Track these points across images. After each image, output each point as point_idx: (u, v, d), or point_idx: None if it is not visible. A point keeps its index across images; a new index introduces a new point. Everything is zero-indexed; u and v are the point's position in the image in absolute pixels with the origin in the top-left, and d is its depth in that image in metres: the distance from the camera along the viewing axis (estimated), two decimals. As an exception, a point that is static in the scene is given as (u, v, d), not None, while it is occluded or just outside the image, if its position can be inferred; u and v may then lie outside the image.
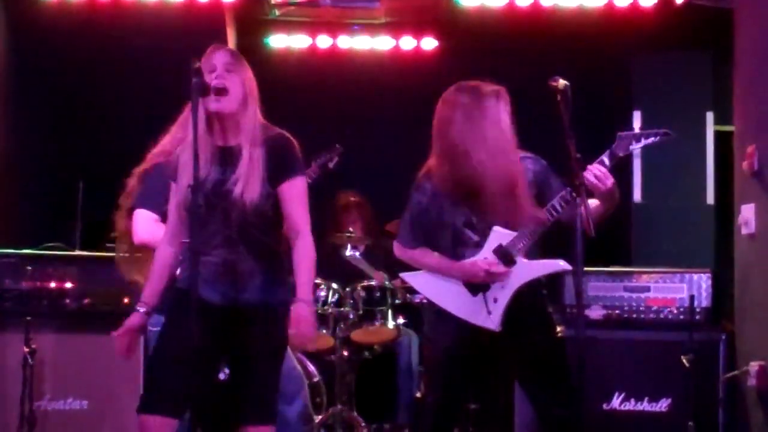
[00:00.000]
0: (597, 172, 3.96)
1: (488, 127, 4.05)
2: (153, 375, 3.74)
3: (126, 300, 5.08)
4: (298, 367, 4.89)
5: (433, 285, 4.28)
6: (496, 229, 4.12)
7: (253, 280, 3.69)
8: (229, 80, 3.62)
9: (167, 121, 4.13)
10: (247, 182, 3.62)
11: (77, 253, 5.35)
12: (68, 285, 5.13)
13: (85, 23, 6.31)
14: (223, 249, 3.66)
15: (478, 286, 4.17)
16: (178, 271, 3.81)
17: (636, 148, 4.11)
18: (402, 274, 4.44)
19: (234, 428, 3.75)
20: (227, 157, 3.67)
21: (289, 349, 4.82)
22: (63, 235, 5.68)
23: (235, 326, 3.68)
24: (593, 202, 4.02)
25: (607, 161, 4.06)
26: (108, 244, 5.27)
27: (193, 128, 3.48)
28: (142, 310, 3.72)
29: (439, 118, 4.15)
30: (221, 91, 3.58)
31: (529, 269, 4.15)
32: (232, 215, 3.65)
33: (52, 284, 5.10)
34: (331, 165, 5.41)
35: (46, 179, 6.70)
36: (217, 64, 3.64)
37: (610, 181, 4.00)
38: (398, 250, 4.38)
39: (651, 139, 4.10)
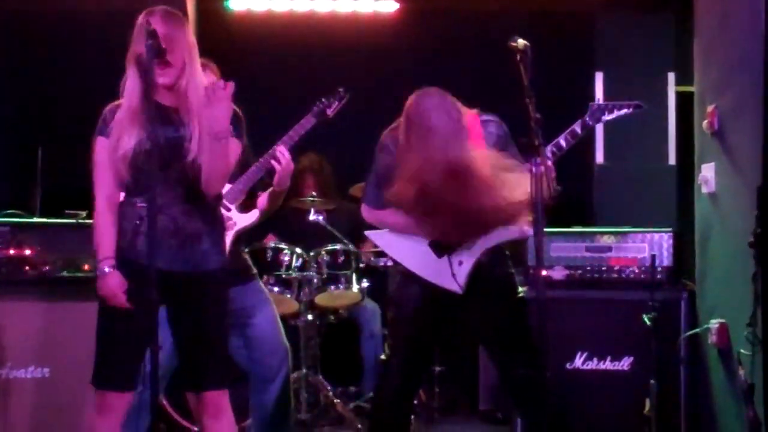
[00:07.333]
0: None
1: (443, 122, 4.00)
2: (107, 349, 3.66)
3: (86, 267, 5.03)
4: (286, 343, 4.83)
5: (398, 245, 4.27)
6: None
7: (201, 245, 3.67)
8: (169, 52, 3.54)
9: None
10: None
11: (36, 219, 5.28)
12: (27, 252, 5.06)
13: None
14: (174, 208, 3.63)
15: (443, 247, 4.17)
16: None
17: (607, 119, 4.14)
18: (367, 233, 4.41)
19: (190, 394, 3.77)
20: (171, 116, 3.65)
21: (280, 326, 4.79)
22: (22, 202, 5.60)
23: (182, 292, 3.65)
24: None
25: (578, 130, 4.08)
26: (67, 211, 5.23)
27: (148, 87, 3.46)
28: (108, 269, 3.59)
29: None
30: (164, 65, 3.55)
31: (493, 234, 4.15)
32: (189, 175, 3.63)
33: (11, 252, 5.04)
34: (329, 112, 4.87)
35: (4, 145, 6.60)
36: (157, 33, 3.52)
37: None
38: (366, 211, 4.36)
39: (624, 111, 4.15)
